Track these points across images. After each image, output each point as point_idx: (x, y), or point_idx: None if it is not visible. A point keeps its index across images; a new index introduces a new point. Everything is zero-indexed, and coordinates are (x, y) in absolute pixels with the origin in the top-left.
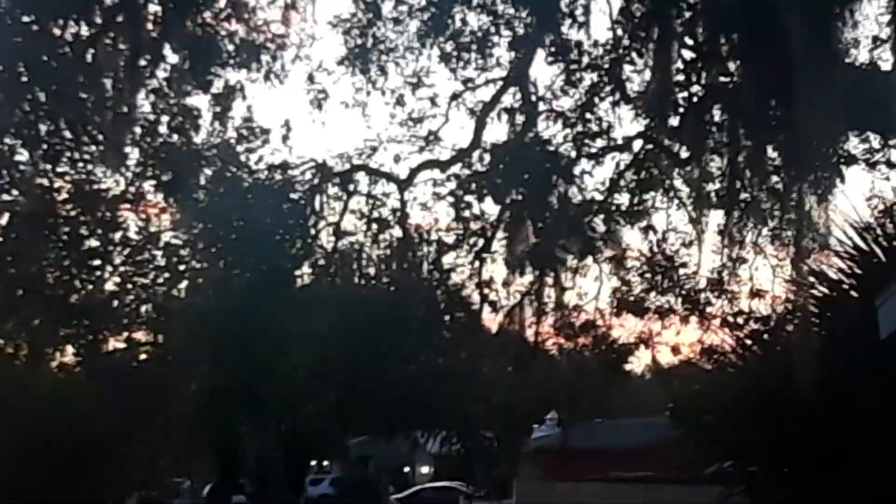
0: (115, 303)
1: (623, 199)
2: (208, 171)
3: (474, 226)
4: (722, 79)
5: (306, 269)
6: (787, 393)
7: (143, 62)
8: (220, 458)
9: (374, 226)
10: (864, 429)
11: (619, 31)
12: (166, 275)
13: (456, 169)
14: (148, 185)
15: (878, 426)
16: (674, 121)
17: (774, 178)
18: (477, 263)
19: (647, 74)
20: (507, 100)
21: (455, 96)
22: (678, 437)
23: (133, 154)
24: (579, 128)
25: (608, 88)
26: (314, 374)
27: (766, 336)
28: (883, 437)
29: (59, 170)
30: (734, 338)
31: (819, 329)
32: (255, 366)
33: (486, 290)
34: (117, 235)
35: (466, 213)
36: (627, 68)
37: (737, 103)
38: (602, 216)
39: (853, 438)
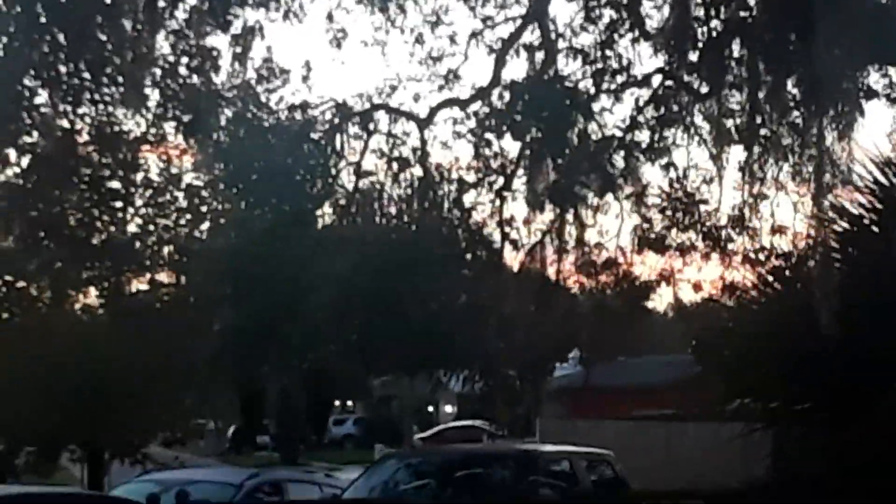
0: (138, 244)
1: (643, 135)
2: (228, 112)
3: (494, 164)
4: (741, 13)
5: (327, 208)
6: (809, 328)
7: (162, 2)
8: (243, 399)
9: (395, 165)
10: (886, 363)
11: None
12: (188, 216)
13: (476, 107)
14: (168, 127)
15: None
16: (693, 56)
17: (795, 113)
18: (498, 202)
19: (667, 10)
20: (527, 37)
21: (474, 34)
22: (700, 374)
23: (153, 95)
24: (599, 64)
25: (627, 25)
26: (336, 313)
27: (787, 272)
28: None
29: (79, 111)
30: (756, 274)
31: (840, 264)
32: (277, 306)
33: (507, 229)
34: (139, 177)
35: (487, 151)
36: (647, 4)
37: (756, 38)
38: (622, 153)
39: (875, 373)
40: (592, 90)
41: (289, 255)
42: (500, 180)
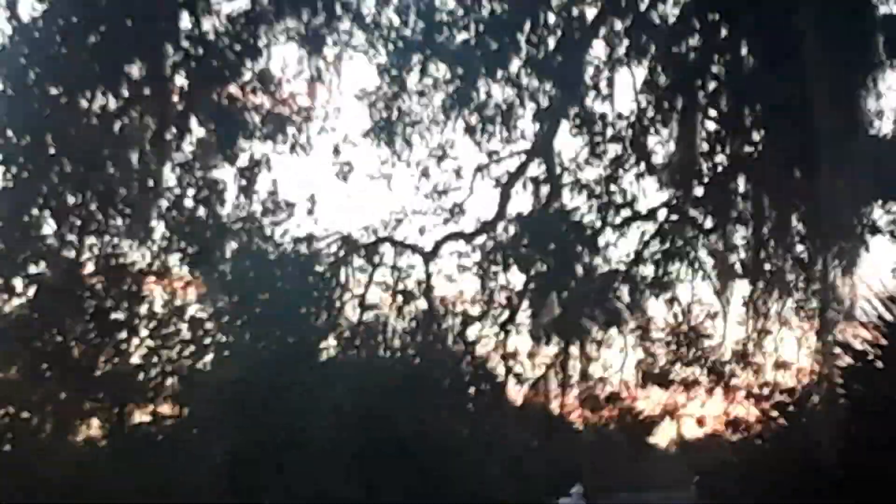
0: (141, 375)
1: (648, 269)
2: (234, 244)
3: (499, 297)
4: (746, 148)
5: (331, 341)
6: (814, 465)
7: (169, 135)
8: None
9: (399, 298)
10: (891, 499)
11: (643, 103)
12: (192, 347)
13: (481, 240)
14: (174, 259)
15: None
16: (698, 191)
17: (799, 248)
18: (502, 335)
19: (672, 145)
20: (532, 171)
21: (479, 168)
22: None
23: (159, 227)
24: (604, 198)
25: (632, 160)
26: (338, 445)
27: (791, 408)
28: None
29: (85, 242)
30: (759, 410)
31: (845, 400)
32: (279, 437)
33: (510, 362)
34: (143, 308)
35: (491, 285)
36: (651, 139)
37: (761, 173)
38: (627, 287)
39: None
40: (597, 224)
41: (292, 387)
42: (505, 314)
